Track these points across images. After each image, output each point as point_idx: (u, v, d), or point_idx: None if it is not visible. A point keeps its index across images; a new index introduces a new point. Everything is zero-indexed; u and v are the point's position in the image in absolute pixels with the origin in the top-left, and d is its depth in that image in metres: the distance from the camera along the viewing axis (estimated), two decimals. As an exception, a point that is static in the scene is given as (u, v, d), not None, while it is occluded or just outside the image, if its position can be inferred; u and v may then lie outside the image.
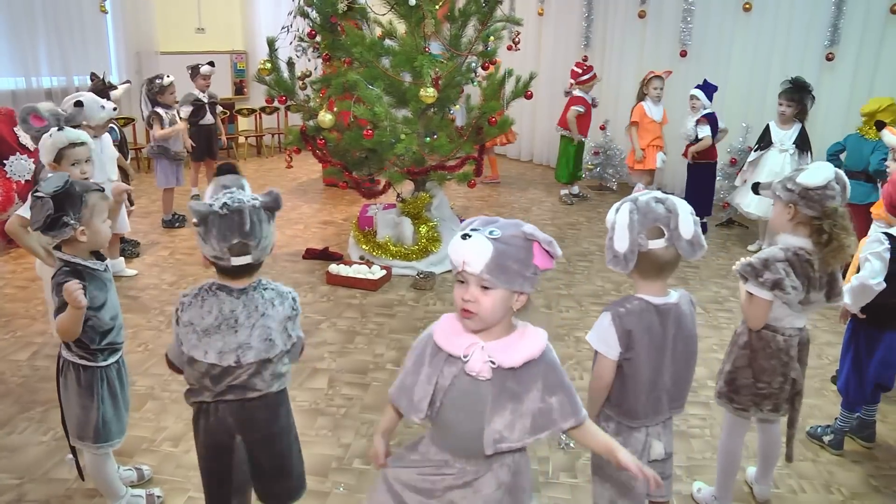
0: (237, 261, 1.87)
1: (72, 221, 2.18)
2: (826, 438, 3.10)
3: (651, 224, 1.88)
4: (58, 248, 2.27)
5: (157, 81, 5.94)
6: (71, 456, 2.50)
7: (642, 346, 1.94)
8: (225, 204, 1.83)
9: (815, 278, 2.30)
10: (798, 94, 5.39)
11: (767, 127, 5.64)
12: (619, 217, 1.91)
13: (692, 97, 6.14)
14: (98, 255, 2.36)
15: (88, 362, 2.32)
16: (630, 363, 1.96)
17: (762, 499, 2.76)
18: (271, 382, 2.03)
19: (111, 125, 5.10)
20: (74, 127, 3.44)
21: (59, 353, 2.37)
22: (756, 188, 2.67)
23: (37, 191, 2.17)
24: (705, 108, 6.11)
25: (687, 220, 1.86)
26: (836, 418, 3.11)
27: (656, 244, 1.89)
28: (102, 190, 2.33)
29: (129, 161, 5.28)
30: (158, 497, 2.64)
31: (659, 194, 1.95)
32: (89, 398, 2.34)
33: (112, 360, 2.38)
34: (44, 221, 2.15)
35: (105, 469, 2.48)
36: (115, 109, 4.56)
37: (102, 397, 2.36)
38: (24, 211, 2.84)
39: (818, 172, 2.26)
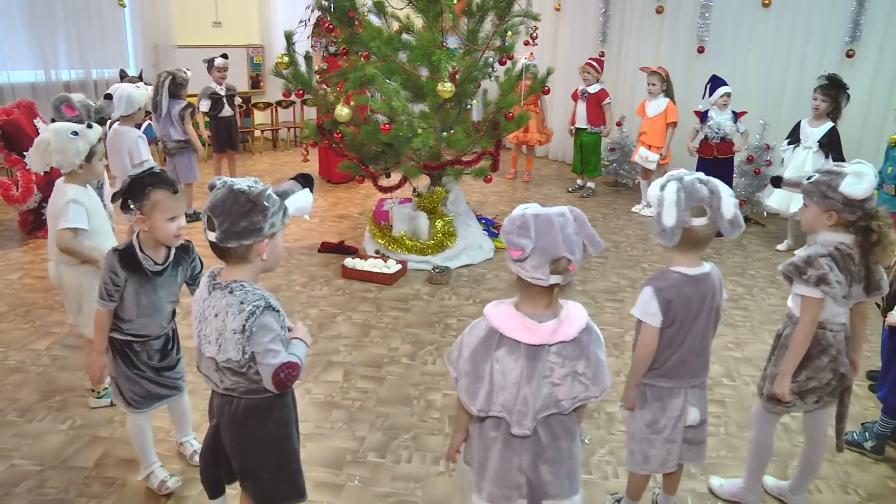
0: (206, 234, 1.89)
1: (132, 207, 2.33)
2: (868, 445, 3.05)
3: (696, 203, 2.06)
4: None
5: (183, 76, 5.94)
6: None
7: (680, 313, 2.17)
8: (224, 181, 1.88)
9: (855, 272, 2.32)
10: (833, 90, 5.32)
11: (798, 124, 5.59)
12: (667, 194, 2.07)
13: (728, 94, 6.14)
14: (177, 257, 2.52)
15: (112, 332, 2.51)
16: (669, 330, 2.19)
17: None
18: (230, 385, 1.95)
19: (148, 122, 5.18)
20: (101, 119, 3.48)
21: None
22: (778, 182, 2.58)
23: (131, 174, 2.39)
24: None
25: (728, 201, 2.07)
26: (874, 423, 3.07)
27: (699, 222, 2.08)
28: (176, 191, 2.40)
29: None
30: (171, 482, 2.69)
31: (702, 176, 2.10)
32: (110, 359, 2.54)
33: (121, 337, 2.50)
34: (113, 198, 2.37)
35: (131, 432, 2.65)
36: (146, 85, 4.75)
37: (115, 365, 2.53)
38: (70, 222, 2.85)
39: (864, 183, 2.22)
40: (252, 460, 2.03)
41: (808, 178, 2.36)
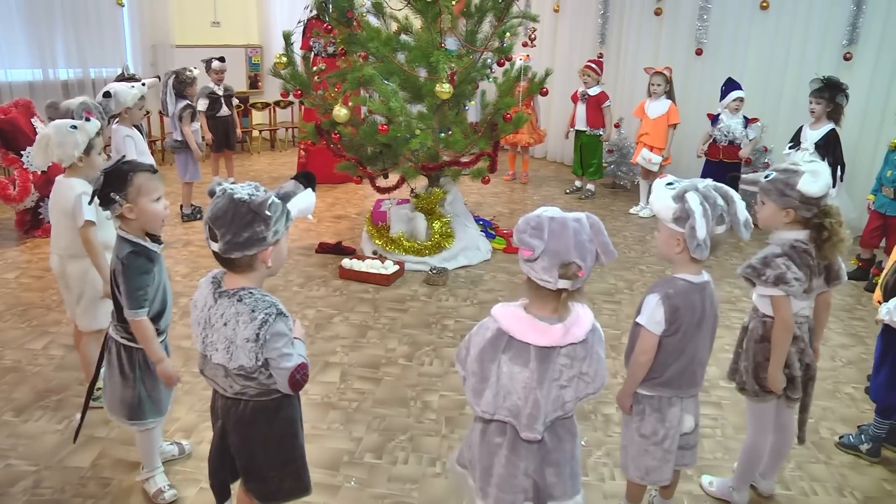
0: (209, 244, 1.86)
1: (117, 198, 2.28)
2: (863, 447, 3.06)
3: (717, 210, 2.07)
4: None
5: (188, 74, 5.99)
6: (79, 417, 2.59)
7: (685, 322, 2.16)
8: (224, 188, 1.85)
9: (814, 266, 2.37)
10: (828, 93, 5.30)
11: (801, 128, 5.60)
12: (693, 206, 2.04)
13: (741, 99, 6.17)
14: (154, 239, 2.45)
15: (131, 343, 2.44)
16: (671, 339, 2.18)
17: (767, 494, 2.76)
18: (239, 390, 1.94)
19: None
20: (110, 118, 3.52)
21: (107, 332, 2.51)
22: (735, 181, 2.60)
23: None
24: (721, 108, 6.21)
25: (741, 204, 2.10)
26: (869, 425, 3.07)
27: (720, 229, 2.09)
28: (154, 171, 2.39)
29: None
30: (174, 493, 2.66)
31: (711, 182, 2.12)
32: (129, 377, 2.46)
33: (161, 341, 2.48)
34: (92, 196, 2.29)
35: (145, 442, 2.61)
36: (143, 85, 4.74)
37: (139, 378, 2.47)
38: (87, 215, 2.85)
39: (820, 181, 2.29)
40: (259, 459, 2.03)
41: (766, 177, 2.41)
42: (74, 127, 2.91)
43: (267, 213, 1.80)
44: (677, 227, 2.09)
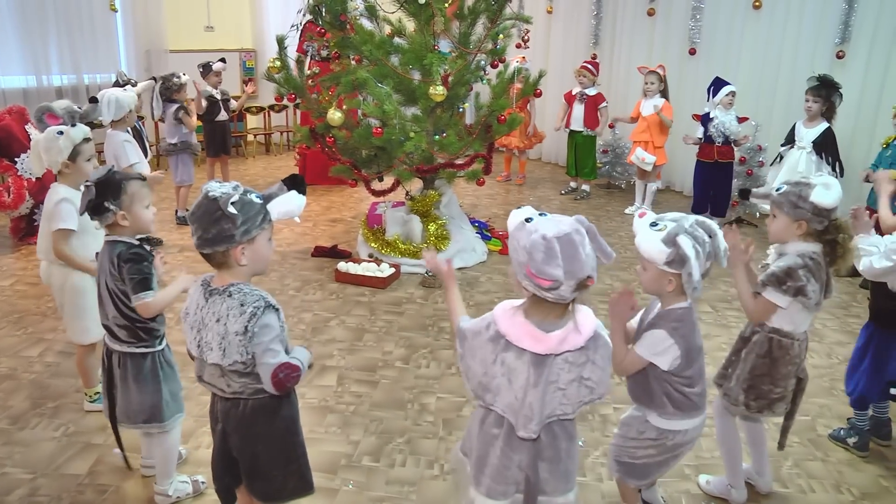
0: (193, 239, 1.91)
1: (112, 207, 2.32)
2: (851, 441, 3.08)
3: (707, 249, 2.06)
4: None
5: (176, 80, 6.00)
6: (118, 450, 2.64)
7: (696, 344, 2.18)
8: (207, 187, 1.90)
9: (824, 280, 2.41)
10: (825, 91, 5.34)
11: (794, 126, 5.61)
12: (687, 251, 2.01)
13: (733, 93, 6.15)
14: (153, 241, 2.51)
15: (147, 349, 2.48)
16: (696, 365, 2.20)
17: (765, 491, 2.77)
18: (237, 389, 1.97)
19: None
20: (88, 124, 3.51)
21: (108, 348, 2.50)
22: (746, 195, 2.70)
23: (87, 181, 2.33)
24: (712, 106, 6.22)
25: (720, 235, 2.10)
26: (848, 419, 3.10)
27: (708, 264, 2.09)
28: (143, 178, 2.48)
29: (147, 158, 5.28)
30: (202, 483, 2.70)
31: (696, 217, 2.12)
32: (153, 382, 2.48)
33: (164, 343, 2.55)
34: (86, 206, 2.30)
35: (173, 447, 2.62)
36: (134, 86, 4.74)
37: (163, 378, 2.51)
38: (63, 222, 2.88)
39: (832, 193, 2.33)
40: (262, 459, 2.05)
41: (777, 190, 2.44)
42: (60, 133, 2.95)
43: (231, 210, 1.84)
44: (670, 268, 2.07)
